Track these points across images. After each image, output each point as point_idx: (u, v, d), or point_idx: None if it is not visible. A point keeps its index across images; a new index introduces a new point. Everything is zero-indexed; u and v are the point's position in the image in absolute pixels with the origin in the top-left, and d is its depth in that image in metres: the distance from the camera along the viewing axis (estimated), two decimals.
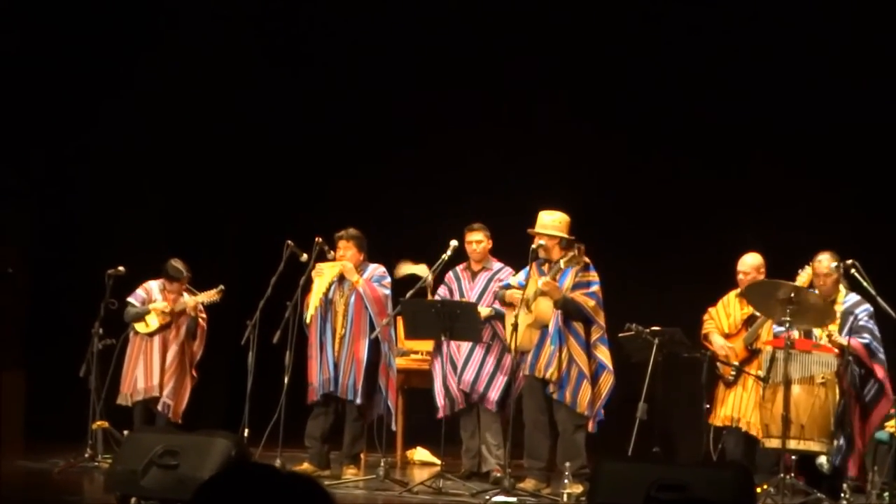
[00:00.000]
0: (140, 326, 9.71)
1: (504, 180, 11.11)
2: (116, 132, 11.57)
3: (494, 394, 8.87)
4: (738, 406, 8.51)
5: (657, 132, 10.93)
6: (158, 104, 11.57)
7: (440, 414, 9.01)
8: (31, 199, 11.34)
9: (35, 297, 11.30)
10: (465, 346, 8.88)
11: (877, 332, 8.01)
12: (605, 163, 10.86)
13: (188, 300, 9.68)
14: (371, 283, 8.99)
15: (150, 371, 9.66)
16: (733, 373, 8.54)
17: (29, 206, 11.34)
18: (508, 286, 8.67)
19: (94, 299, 9.67)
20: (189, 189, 11.84)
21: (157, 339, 9.72)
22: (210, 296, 9.70)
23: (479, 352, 8.85)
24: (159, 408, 9.65)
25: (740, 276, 8.54)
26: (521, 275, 8.64)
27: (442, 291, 9.17)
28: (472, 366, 8.85)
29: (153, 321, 9.70)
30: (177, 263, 9.76)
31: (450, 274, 9.18)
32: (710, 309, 8.81)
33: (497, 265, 9.07)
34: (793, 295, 7.59)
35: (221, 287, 9.70)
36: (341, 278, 9.02)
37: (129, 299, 9.70)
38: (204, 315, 9.88)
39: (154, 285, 9.81)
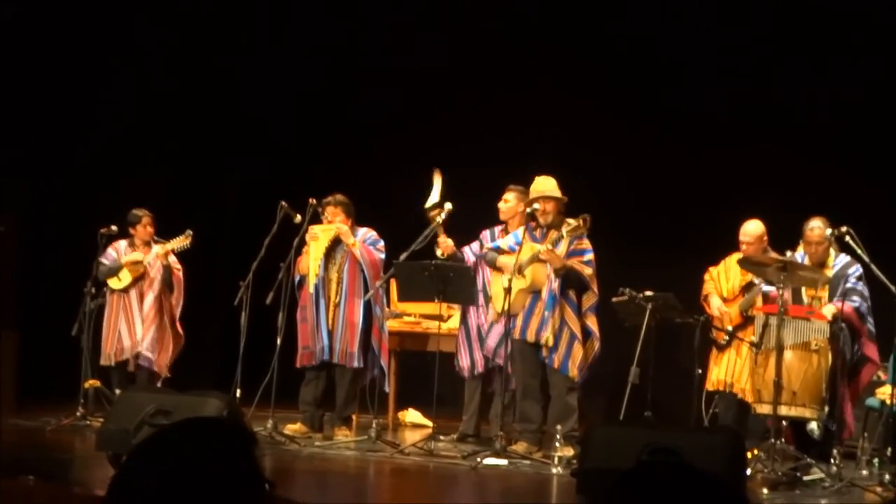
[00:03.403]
0: (113, 283, 9.71)
1: (499, 149, 11.07)
2: (114, 94, 11.52)
3: None
4: (731, 371, 8.51)
5: (654, 100, 10.89)
6: (153, 66, 11.52)
7: (464, 374, 9.17)
8: (24, 159, 11.30)
9: (28, 257, 11.27)
10: (490, 313, 8.87)
11: (866, 293, 7.99)
12: (601, 130, 10.82)
13: (157, 249, 9.68)
14: (367, 247, 8.99)
15: (133, 328, 9.66)
16: (726, 337, 8.54)
17: (22, 167, 11.29)
18: (498, 248, 8.67)
19: (87, 259, 9.66)
20: (184, 150, 11.79)
21: (133, 294, 9.72)
22: (179, 242, 9.70)
23: (502, 319, 8.78)
24: (140, 361, 9.64)
25: (743, 246, 8.47)
26: (511, 238, 8.64)
27: (475, 247, 9.13)
28: (495, 332, 8.84)
29: (125, 275, 9.70)
30: (135, 210, 9.79)
31: (486, 233, 9.13)
32: (711, 269, 8.78)
33: None
34: (784, 266, 7.59)
35: (189, 232, 9.70)
36: (330, 249, 9.00)
37: (100, 259, 9.69)
38: (178, 266, 9.86)
39: (123, 244, 9.82)
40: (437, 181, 8.97)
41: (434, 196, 8.91)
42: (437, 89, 11.36)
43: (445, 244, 8.97)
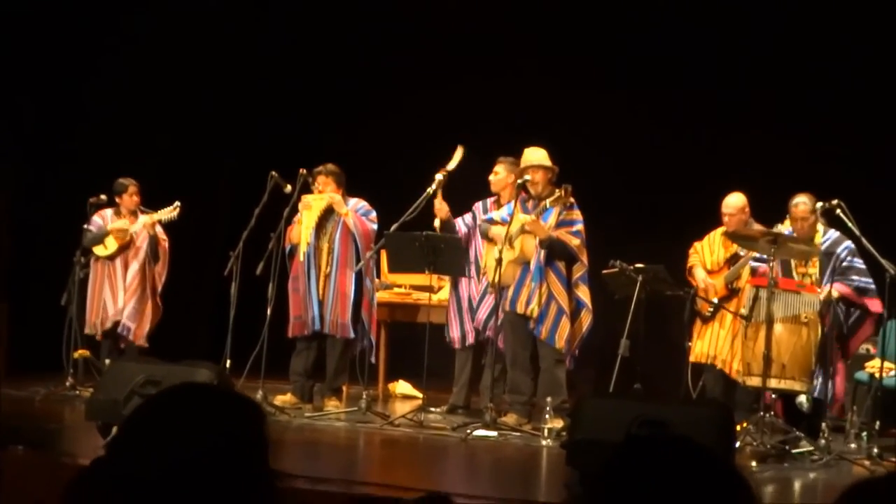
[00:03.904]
0: (99, 250, 9.68)
1: (490, 120, 11.04)
2: (108, 65, 11.45)
3: None
4: (714, 343, 8.53)
5: (643, 74, 10.87)
6: (149, 39, 11.46)
7: (454, 346, 9.18)
8: (17, 131, 11.24)
9: (17, 226, 11.23)
10: (483, 285, 8.85)
11: (863, 267, 7.98)
12: (591, 104, 10.79)
13: (144, 219, 9.65)
14: (360, 217, 8.97)
15: (117, 296, 9.63)
16: (710, 309, 8.55)
17: (15, 139, 11.24)
18: (492, 220, 8.68)
19: (77, 229, 9.63)
20: (179, 122, 11.74)
21: (118, 263, 9.68)
22: (166, 213, 9.66)
23: (494, 291, 8.74)
24: (119, 330, 9.61)
25: (725, 218, 8.50)
26: (505, 210, 8.65)
27: (468, 219, 9.12)
28: (485, 304, 8.83)
29: (111, 243, 9.66)
30: (122, 179, 9.75)
31: (478, 205, 9.10)
32: (696, 243, 8.81)
33: None
34: (774, 238, 7.59)
35: (177, 203, 9.67)
36: (321, 218, 8.98)
37: (86, 226, 9.65)
38: (164, 236, 9.83)
39: (109, 212, 9.79)
40: (458, 156, 8.90)
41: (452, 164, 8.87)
42: (430, 63, 11.32)
43: (441, 208, 8.96)
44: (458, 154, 8.87)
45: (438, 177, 8.78)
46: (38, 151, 11.32)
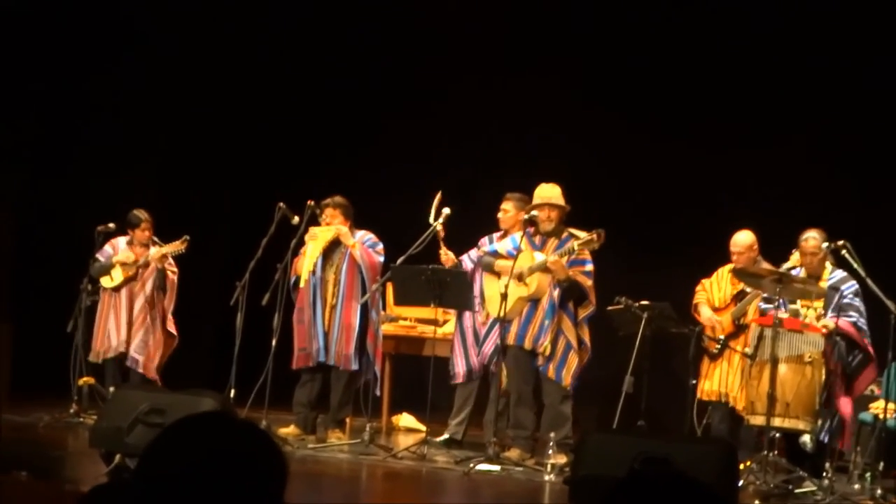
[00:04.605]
0: (105, 281, 9.68)
1: (497, 155, 11.07)
2: (113, 88, 11.52)
3: None
4: (724, 381, 8.52)
5: (652, 106, 10.89)
6: (157, 60, 11.52)
7: (458, 380, 9.16)
8: (21, 150, 11.28)
9: (23, 251, 11.25)
10: (484, 313, 8.86)
11: (862, 309, 8.00)
12: (598, 139, 10.82)
13: (153, 252, 9.66)
14: (367, 249, 8.98)
15: (119, 326, 9.64)
16: (718, 347, 8.55)
17: (19, 158, 11.28)
18: (496, 253, 8.65)
19: (83, 254, 9.65)
20: (184, 148, 11.79)
21: (124, 294, 9.69)
22: (175, 246, 9.66)
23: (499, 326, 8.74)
24: (128, 363, 9.61)
25: (734, 257, 8.50)
26: (508, 243, 8.62)
27: (473, 255, 9.12)
28: (491, 339, 8.83)
29: (117, 275, 9.67)
30: (137, 211, 9.76)
31: (485, 240, 9.12)
32: (704, 280, 8.80)
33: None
34: (780, 278, 7.61)
35: (186, 237, 9.66)
36: (328, 250, 9.00)
37: (96, 255, 9.67)
38: (174, 268, 9.83)
39: (121, 241, 9.79)
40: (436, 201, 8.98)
41: (434, 213, 8.94)
42: (436, 95, 11.36)
43: (447, 258, 9.01)
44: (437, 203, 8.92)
45: (440, 221, 8.82)
46: (40, 165, 11.35)
